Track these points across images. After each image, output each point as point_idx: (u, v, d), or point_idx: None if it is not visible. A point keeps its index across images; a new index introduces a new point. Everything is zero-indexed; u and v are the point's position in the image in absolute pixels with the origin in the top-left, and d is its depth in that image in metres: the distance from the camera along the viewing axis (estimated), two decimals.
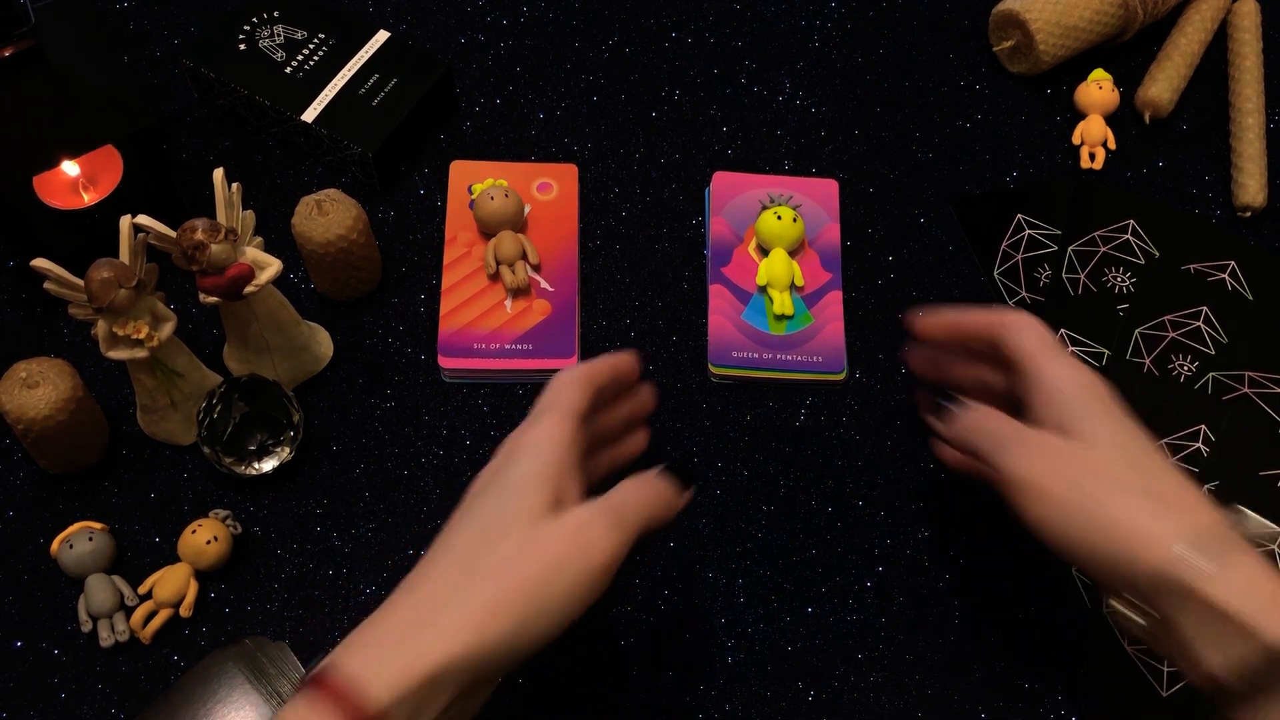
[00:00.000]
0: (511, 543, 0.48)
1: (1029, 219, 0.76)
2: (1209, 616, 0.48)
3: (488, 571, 0.47)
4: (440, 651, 0.45)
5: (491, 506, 0.50)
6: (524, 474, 0.50)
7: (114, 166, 0.72)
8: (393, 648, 0.46)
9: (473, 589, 0.47)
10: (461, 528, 0.50)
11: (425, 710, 0.45)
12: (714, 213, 0.76)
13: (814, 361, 0.70)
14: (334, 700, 0.44)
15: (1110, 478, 0.52)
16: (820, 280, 0.73)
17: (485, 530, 0.49)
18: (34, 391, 0.62)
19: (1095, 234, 0.76)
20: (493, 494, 0.50)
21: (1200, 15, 0.84)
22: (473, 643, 0.46)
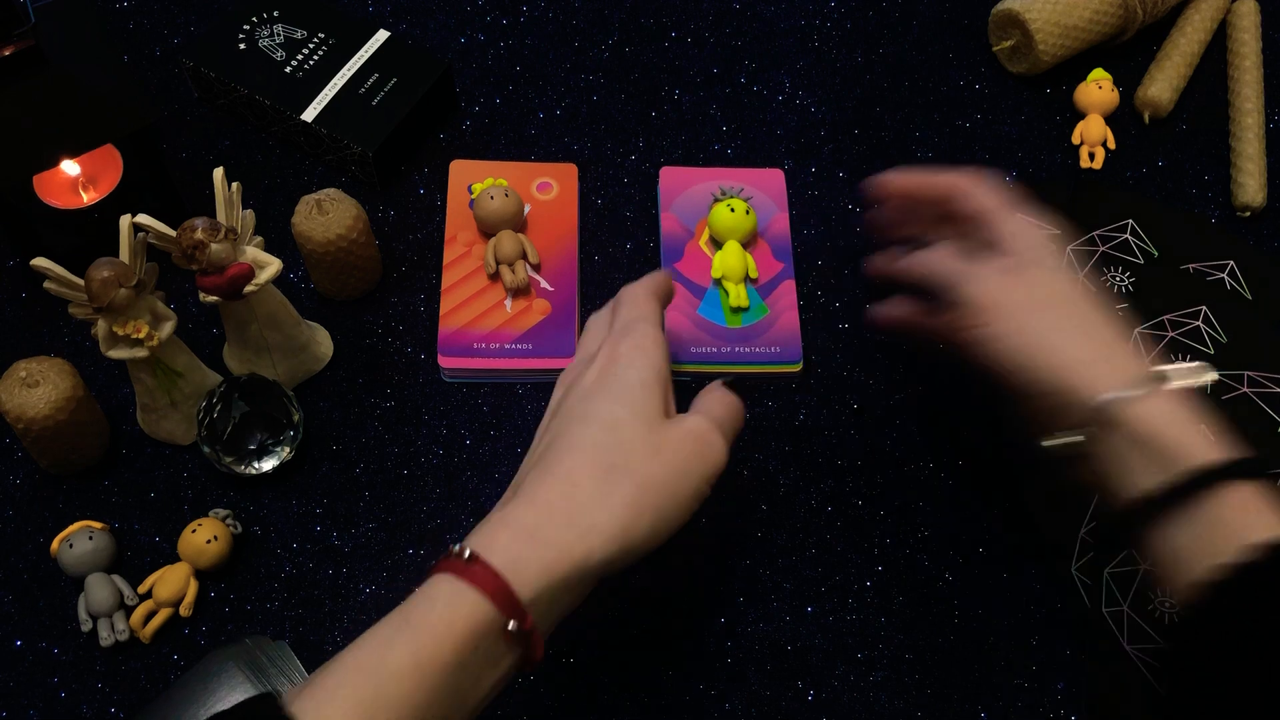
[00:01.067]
0: (642, 445, 0.50)
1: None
2: (1135, 444, 0.52)
3: (626, 472, 0.49)
4: (586, 547, 0.47)
5: (612, 409, 0.51)
6: (638, 379, 0.52)
7: (114, 166, 0.72)
8: (539, 542, 0.47)
9: (614, 490, 0.48)
10: (586, 428, 0.51)
11: (560, 602, 0.47)
12: (663, 208, 0.76)
13: (772, 352, 0.70)
14: (485, 586, 0.45)
15: (1058, 313, 0.56)
16: (773, 270, 0.74)
17: (612, 431, 0.50)
18: (34, 391, 0.62)
19: (1094, 233, 0.76)
20: (609, 397, 0.52)
21: (1200, 15, 0.84)
22: (616, 540, 0.47)
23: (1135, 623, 0.63)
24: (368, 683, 0.43)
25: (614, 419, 0.51)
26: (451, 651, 0.44)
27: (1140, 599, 0.63)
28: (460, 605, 0.45)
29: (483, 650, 0.45)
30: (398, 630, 0.45)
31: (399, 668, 0.44)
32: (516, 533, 0.47)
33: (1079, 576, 0.65)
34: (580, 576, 0.47)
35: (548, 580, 0.46)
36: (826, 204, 0.78)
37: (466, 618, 0.45)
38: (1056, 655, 0.63)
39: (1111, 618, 0.63)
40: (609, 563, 0.48)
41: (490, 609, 0.45)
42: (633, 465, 0.49)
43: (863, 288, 0.74)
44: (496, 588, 0.45)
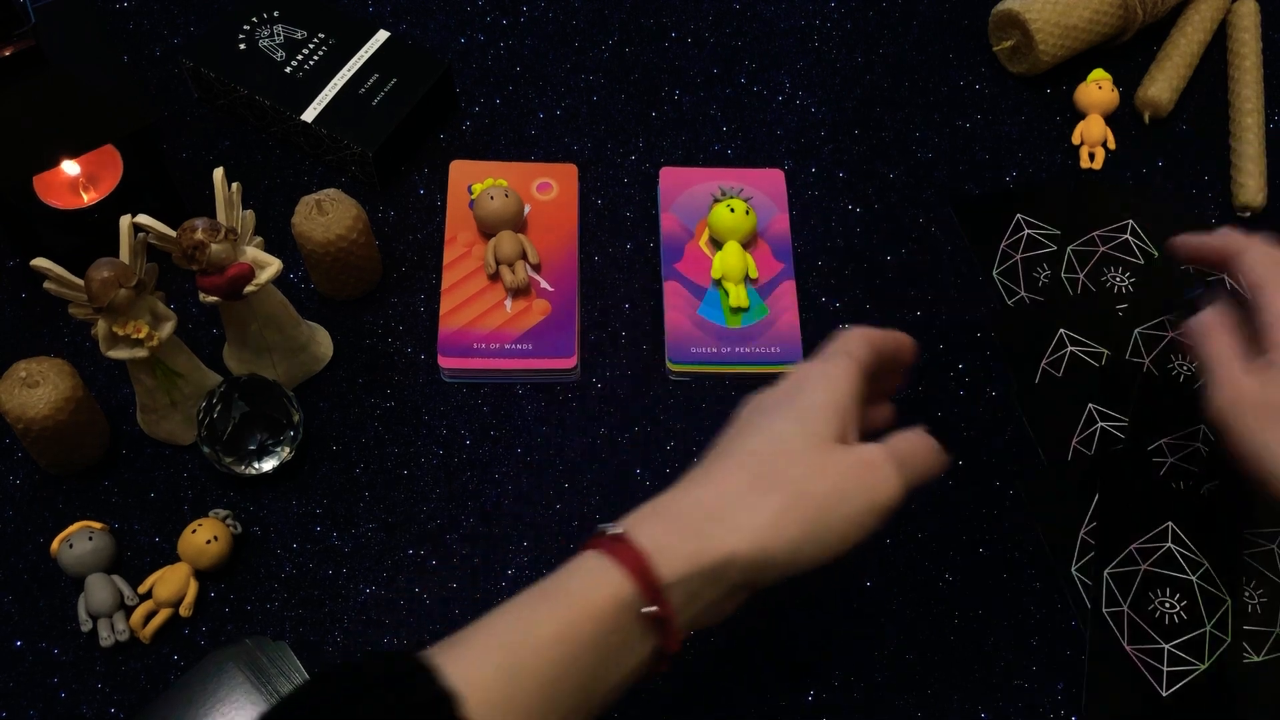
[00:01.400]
0: (803, 461, 0.50)
1: (1028, 219, 0.76)
2: None
3: (780, 482, 0.49)
4: (729, 545, 0.47)
5: (783, 426, 0.51)
6: (817, 402, 0.52)
7: (114, 166, 0.72)
8: (684, 532, 0.48)
9: (765, 495, 0.49)
10: (750, 438, 0.52)
11: (700, 597, 0.47)
12: (664, 208, 0.76)
13: (772, 353, 0.70)
14: (628, 564, 0.46)
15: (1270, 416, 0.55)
16: (773, 271, 0.74)
17: (777, 444, 0.51)
18: (34, 391, 0.62)
19: (1094, 234, 0.76)
20: (783, 415, 0.52)
21: (1200, 15, 0.84)
22: (758, 544, 0.48)
23: (1135, 623, 0.63)
24: (513, 650, 0.45)
25: (781, 433, 0.51)
26: (591, 626, 0.45)
27: (1140, 599, 0.63)
28: (602, 580, 0.46)
29: (621, 630, 0.46)
30: (543, 599, 0.46)
31: (543, 638, 0.45)
32: (664, 521, 0.48)
33: (1079, 577, 0.65)
34: (722, 573, 0.48)
35: (688, 569, 0.47)
36: (826, 204, 0.78)
37: (607, 593, 0.46)
38: (1056, 655, 0.63)
39: (1111, 618, 0.63)
40: (752, 567, 0.48)
41: (631, 587, 0.46)
42: (790, 478, 0.50)
43: (863, 288, 0.74)
44: (638, 566, 0.46)
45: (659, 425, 0.69)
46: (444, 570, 0.64)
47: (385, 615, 0.63)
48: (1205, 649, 0.62)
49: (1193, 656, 0.62)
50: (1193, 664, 0.62)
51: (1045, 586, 0.65)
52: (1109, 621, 0.63)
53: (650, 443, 0.69)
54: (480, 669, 0.44)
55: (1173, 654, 0.62)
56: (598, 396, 0.70)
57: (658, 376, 0.71)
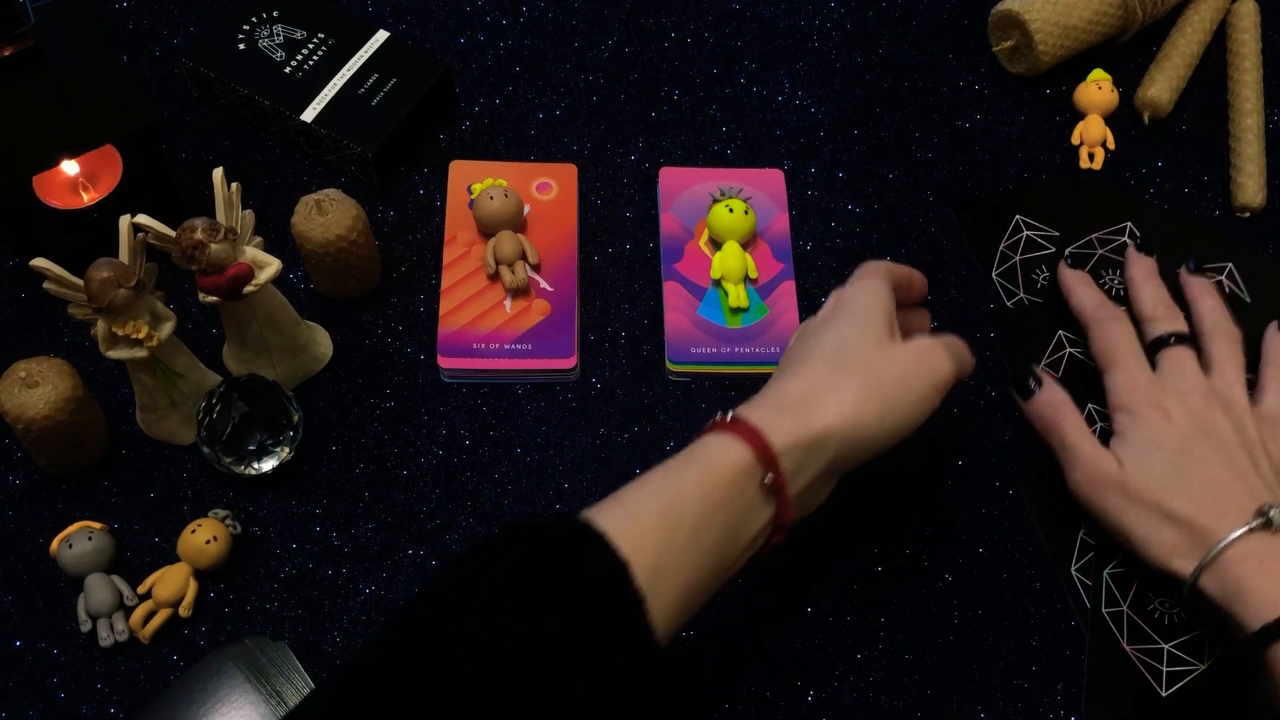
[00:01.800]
0: (870, 353, 0.57)
1: (1027, 220, 0.76)
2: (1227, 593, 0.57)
3: (856, 369, 0.56)
4: (826, 420, 0.54)
5: (842, 330, 0.58)
6: (864, 307, 0.59)
7: (114, 166, 0.72)
8: (786, 412, 0.55)
9: (846, 380, 0.56)
10: (818, 342, 0.58)
11: (806, 468, 0.54)
12: (663, 209, 0.76)
13: (772, 353, 0.70)
14: (746, 437, 0.53)
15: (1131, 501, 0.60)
16: (773, 271, 0.74)
17: (842, 344, 0.58)
18: (34, 391, 0.62)
19: (1092, 236, 0.76)
20: (838, 323, 0.59)
21: (1199, 15, 0.84)
22: (849, 421, 0.55)
23: (1135, 623, 0.63)
24: (666, 504, 0.51)
25: (843, 336, 0.58)
26: (722, 491, 0.52)
27: (1140, 600, 0.63)
28: (726, 450, 0.53)
29: (746, 496, 0.52)
30: (684, 466, 0.53)
31: (689, 495, 0.51)
32: (767, 409, 0.55)
33: (1079, 577, 0.65)
34: (821, 447, 0.54)
35: (793, 441, 0.53)
36: (826, 204, 0.78)
37: (732, 461, 0.52)
38: (1056, 655, 0.63)
39: (1111, 618, 0.63)
40: (845, 443, 0.55)
41: (751, 456, 0.53)
42: (863, 366, 0.57)
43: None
44: (755, 439, 0.53)
45: (659, 425, 0.69)
46: None
47: (385, 615, 0.63)
48: (1205, 649, 0.62)
49: (1192, 656, 0.62)
50: (1192, 664, 0.62)
51: (1045, 586, 0.65)
52: (1109, 622, 0.63)
53: (650, 443, 0.69)
54: (641, 528, 0.49)
55: (1172, 654, 0.62)
56: (598, 396, 0.70)
57: (657, 376, 0.71)
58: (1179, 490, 0.59)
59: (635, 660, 0.47)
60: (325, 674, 0.61)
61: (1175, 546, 0.59)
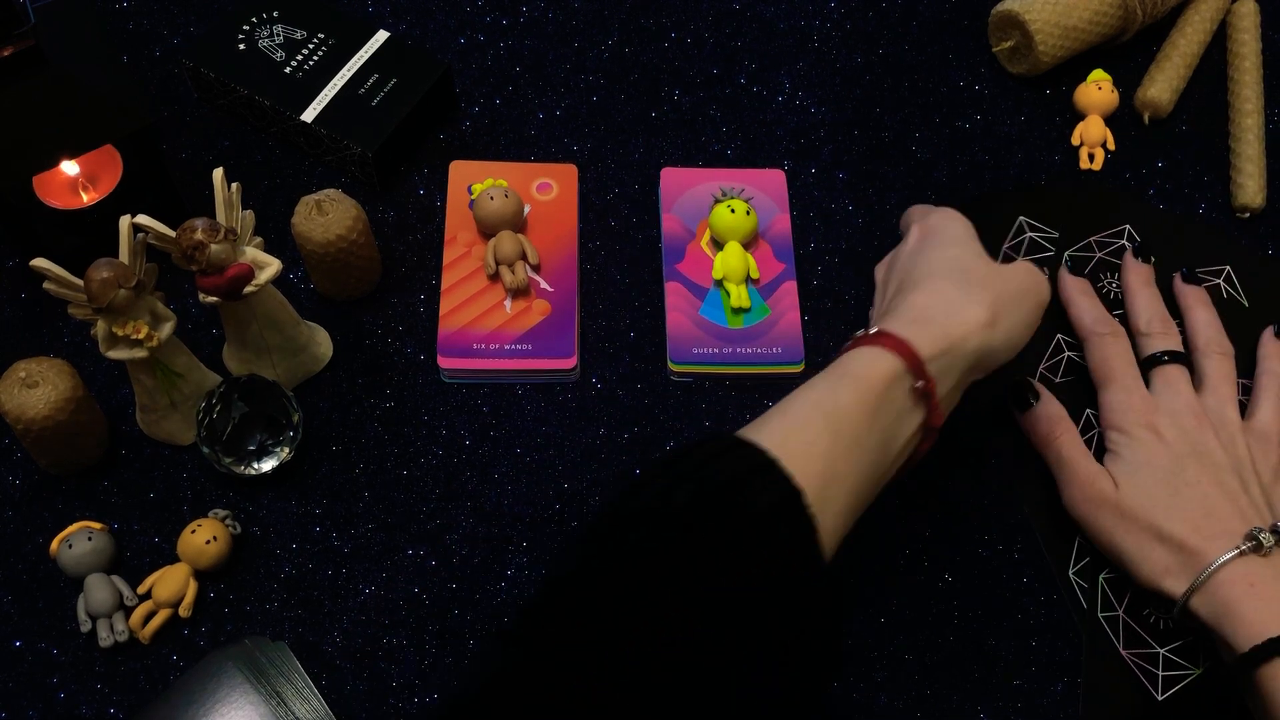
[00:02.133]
0: (985, 268, 0.60)
1: (1030, 221, 0.76)
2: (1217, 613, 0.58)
3: (982, 285, 0.59)
4: (963, 331, 0.57)
5: (948, 250, 0.61)
6: (961, 232, 0.63)
7: (114, 166, 0.72)
8: (924, 323, 0.57)
9: (976, 294, 0.58)
10: (929, 263, 0.61)
11: (948, 375, 0.57)
12: (665, 209, 0.76)
13: (774, 353, 0.70)
14: (894, 348, 0.55)
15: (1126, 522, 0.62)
16: (774, 271, 0.74)
17: (958, 261, 0.60)
18: (34, 391, 0.62)
19: (1091, 239, 0.75)
20: (940, 245, 0.62)
21: (1200, 16, 0.84)
22: (982, 331, 0.57)
23: (1131, 628, 0.63)
24: (828, 416, 0.53)
25: (954, 255, 0.61)
26: (876, 397, 0.54)
27: (1136, 605, 0.63)
28: (876, 361, 0.55)
29: (895, 402, 0.55)
30: (838, 379, 0.55)
31: (849, 405, 0.53)
32: (905, 323, 0.57)
33: (1076, 580, 0.65)
34: (961, 354, 0.57)
35: (938, 349, 0.56)
36: (827, 204, 0.78)
37: (884, 370, 0.55)
38: (1056, 656, 0.63)
39: (1107, 622, 0.63)
40: (978, 352, 0.57)
41: (900, 364, 0.55)
42: (984, 280, 0.59)
43: (864, 287, 0.75)
44: (903, 349, 0.55)
45: (659, 425, 0.69)
46: (444, 570, 0.64)
47: (385, 615, 0.63)
48: (1200, 653, 0.62)
49: (1188, 661, 0.62)
50: (1188, 668, 0.62)
51: (1045, 587, 0.65)
52: (1105, 626, 0.63)
53: (650, 443, 0.69)
54: (807, 445, 0.51)
55: (1168, 658, 0.62)
56: (598, 396, 0.70)
57: (658, 377, 0.71)
58: (1171, 512, 0.60)
59: (807, 583, 0.49)
60: (325, 674, 0.61)
61: (1167, 567, 0.59)
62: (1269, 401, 0.66)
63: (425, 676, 0.61)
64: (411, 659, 0.62)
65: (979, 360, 0.58)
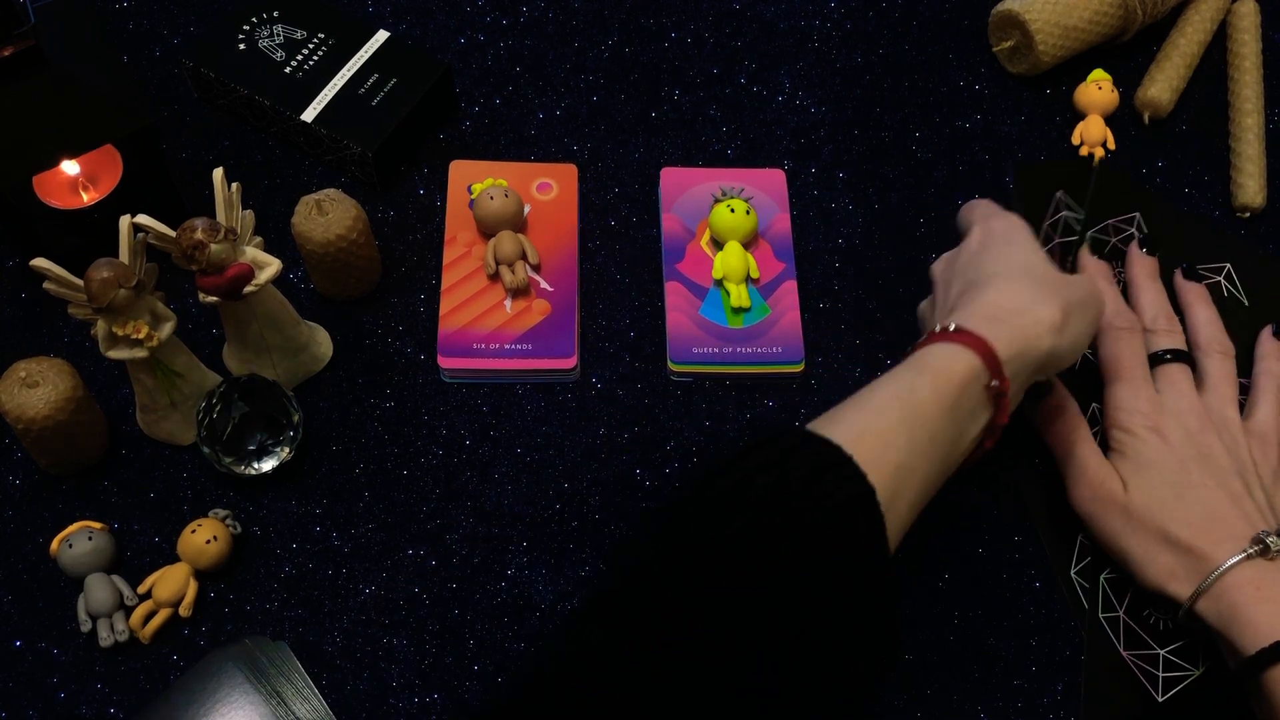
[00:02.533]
0: (1054, 275, 0.60)
1: (1066, 200, 0.74)
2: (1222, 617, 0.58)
3: (1056, 291, 0.58)
4: (1036, 332, 0.57)
5: (1023, 256, 0.61)
6: (1026, 237, 0.62)
7: (114, 166, 0.72)
8: (1001, 323, 0.56)
9: (1050, 300, 0.58)
10: (999, 262, 0.60)
11: (1020, 375, 0.57)
12: (665, 209, 0.76)
13: (774, 353, 0.70)
14: (973, 345, 0.55)
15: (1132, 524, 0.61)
16: (774, 271, 0.74)
17: (1029, 263, 0.60)
18: (34, 391, 0.62)
19: (1109, 223, 0.75)
20: (1009, 247, 0.61)
21: (1200, 15, 0.84)
22: (1054, 334, 0.57)
23: (1131, 629, 0.63)
24: (906, 407, 0.53)
25: (1027, 261, 0.60)
26: (953, 393, 0.54)
27: (1136, 605, 0.63)
28: (957, 359, 0.55)
29: (970, 399, 0.55)
30: (917, 373, 0.55)
31: (926, 400, 0.54)
32: (981, 320, 0.57)
33: (1078, 580, 0.65)
34: (1032, 357, 0.56)
35: (1013, 352, 0.56)
36: (827, 204, 0.78)
37: (964, 366, 0.55)
38: (1056, 656, 0.63)
39: (1108, 623, 0.63)
40: (1049, 354, 0.57)
41: (978, 363, 0.55)
42: (1054, 284, 0.59)
43: (864, 287, 0.75)
44: (983, 349, 0.55)
45: (659, 425, 0.69)
46: (444, 570, 0.64)
47: (385, 615, 0.63)
48: (1200, 654, 0.62)
49: (1188, 662, 0.62)
50: (1188, 669, 0.62)
51: (1045, 587, 0.65)
52: (1105, 627, 0.63)
53: (650, 443, 0.69)
54: (883, 439, 0.51)
55: (1168, 660, 0.62)
56: (598, 396, 0.70)
57: (658, 376, 0.71)
58: (1177, 515, 0.60)
59: (873, 578, 0.49)
60: (325, 674, 0.61)
61: (1173, 571, 0.59)
62: (1267, 402, 0.66)
63: (425, 676, 0.61)
64: (411, 659, 0.62)
65: (1046, 362, 0.58)
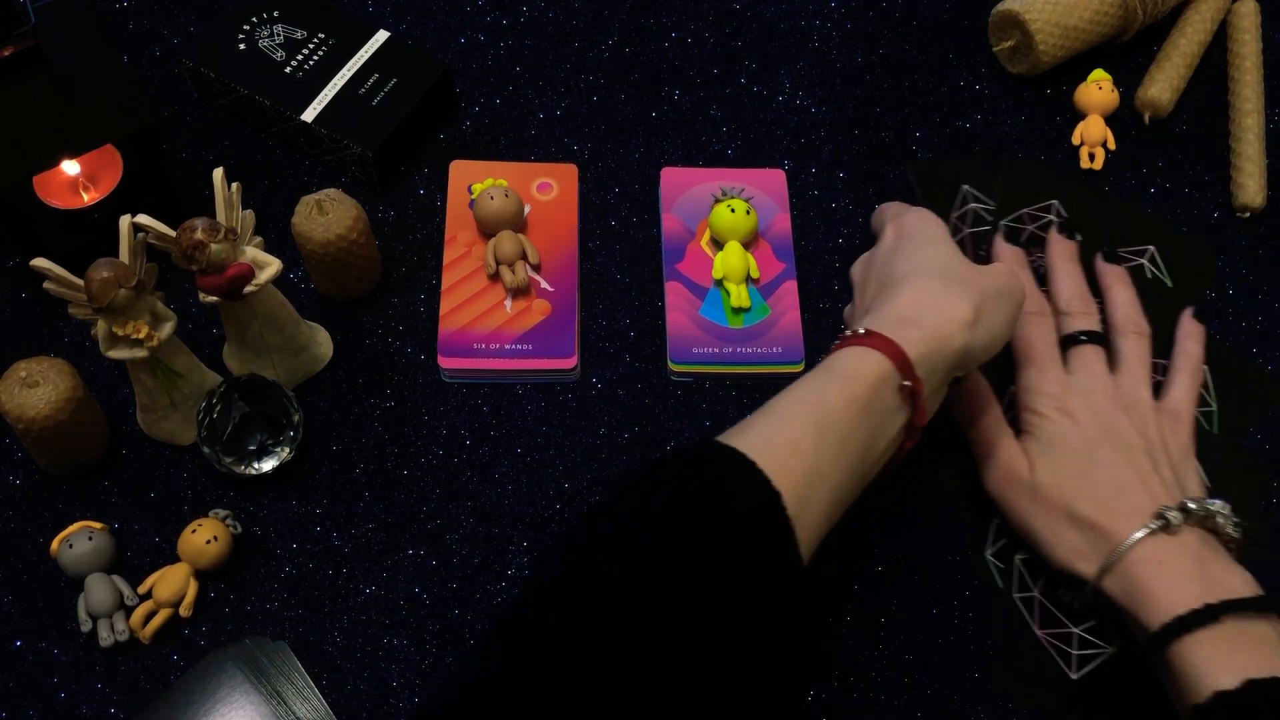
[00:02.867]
0: (965, 268, 0.60)
1: (972, 191, 0.76)
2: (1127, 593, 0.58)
3: (966, 285, 0.58)
4: (949, 331, 0.56)
5: (932, 252, 0.61)
6: (938, 232, 0.62)
7: (114, 166, 0.72)
8: (910, 324, 0.56)
9: (960, 295, 0.58)
10: (910, 260, 0.60)
11: (932, 376, 0.56)
12: (665, 209, 0.76)
13: (774, 353, 0.70)
14: (882, 347, 0.55)
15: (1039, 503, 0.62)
16: (774, 271, 0.74)
17: (941, 264, 0.60)
18: (34, 391, 0.62)
19: (1024, 211, 0.75)
20: (918, 245, 0.61)
21: (1200, 15, 0.84)
22: (968, 331, 0.57)
23: (1046, 608, 0.63)
24: (815, 412, 0.53)
25: (938, 257, 0.60)
26: (865, 395, 0.54)
27: (1051, 585, 0.63)
28: (867, 361, 0.55)
29: (883, 402, 0.55)
30: (826, 378, 0.55)
31: (835, 404, 0.54)
32: (892, 322, 0.57)
33: (993, 561, 0.65)
34: (945, 354, 0.56)
35: (924, 351, 0.56)
36: (827, 204, 0.78)
37: (873, 369, 0.55)
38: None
39: (1023, 603, 0.63)
40: (962, 350, 0.57)
41: (889, 365, 0.55)
42: (967, 279, 0.59)
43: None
44: (892, 350, 0.55)
45: (659, 425, 0.69)
46: (444, 570, 0.64)
47: (385, 615, 0.63)
48: (1114, 632, 0.62)
49: (1102, 640, 0.62)
50: (1101, 647, 0.62)
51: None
52: (1020, 606, 0.63)
53: (650, 443, 0.69)
54: (790, 445, 0.51)
55: (1082, 638, 0.62)
56: (598, 396, 0.70)
57: (658, 376, 0.71)
58: (1083, 493, 0.60)
59: (782, 584, 0.49)
60: (325, 674, 0.61)
61: (1079, 549, 0.60)
62: (1182, 382, 0.67)
63: (425, 676, 0.61)
64: (411, 659, 0.62)
65: (962, 359, 0.58)
